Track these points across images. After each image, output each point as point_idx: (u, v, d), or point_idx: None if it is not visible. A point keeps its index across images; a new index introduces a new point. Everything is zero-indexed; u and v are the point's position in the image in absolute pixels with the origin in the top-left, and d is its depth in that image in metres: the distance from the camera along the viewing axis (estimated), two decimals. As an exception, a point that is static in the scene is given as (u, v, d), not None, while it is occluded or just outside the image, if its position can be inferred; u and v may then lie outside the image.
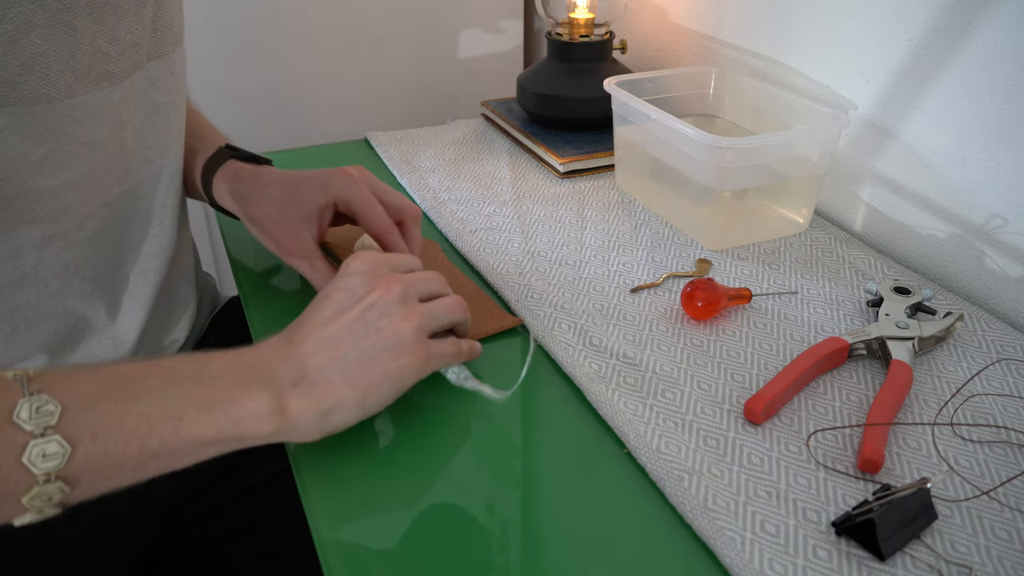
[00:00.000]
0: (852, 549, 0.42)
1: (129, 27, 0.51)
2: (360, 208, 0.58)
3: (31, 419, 0.36)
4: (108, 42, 0.49)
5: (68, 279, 0.54)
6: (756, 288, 0.66)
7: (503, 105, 1.01)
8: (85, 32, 0.47)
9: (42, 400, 0.37)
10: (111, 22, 0.49)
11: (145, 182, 0.58)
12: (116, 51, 0.50)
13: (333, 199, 0.59)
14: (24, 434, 0.36)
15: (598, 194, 0.83)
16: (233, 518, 0.68)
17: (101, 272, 0.56)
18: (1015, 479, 0.47)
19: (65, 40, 0.46)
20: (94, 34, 0.48)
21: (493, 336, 0.60)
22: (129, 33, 0.51)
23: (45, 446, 0.36)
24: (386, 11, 1.17)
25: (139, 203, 0.58)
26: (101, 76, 0.49)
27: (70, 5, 0.45)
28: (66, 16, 0.45)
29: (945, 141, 0.68)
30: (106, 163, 0.52)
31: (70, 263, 0.53)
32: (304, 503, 0.46)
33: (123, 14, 0.50)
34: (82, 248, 0.54)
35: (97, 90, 0.49)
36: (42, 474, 0.36)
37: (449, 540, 0.43)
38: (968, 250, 0.68)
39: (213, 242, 1.23)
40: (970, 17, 0.63)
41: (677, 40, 1.00)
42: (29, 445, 0.36)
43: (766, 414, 0.51)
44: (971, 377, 0.55)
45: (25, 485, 0.36)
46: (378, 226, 0.58)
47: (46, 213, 0.50)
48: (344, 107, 1.21)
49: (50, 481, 0.36)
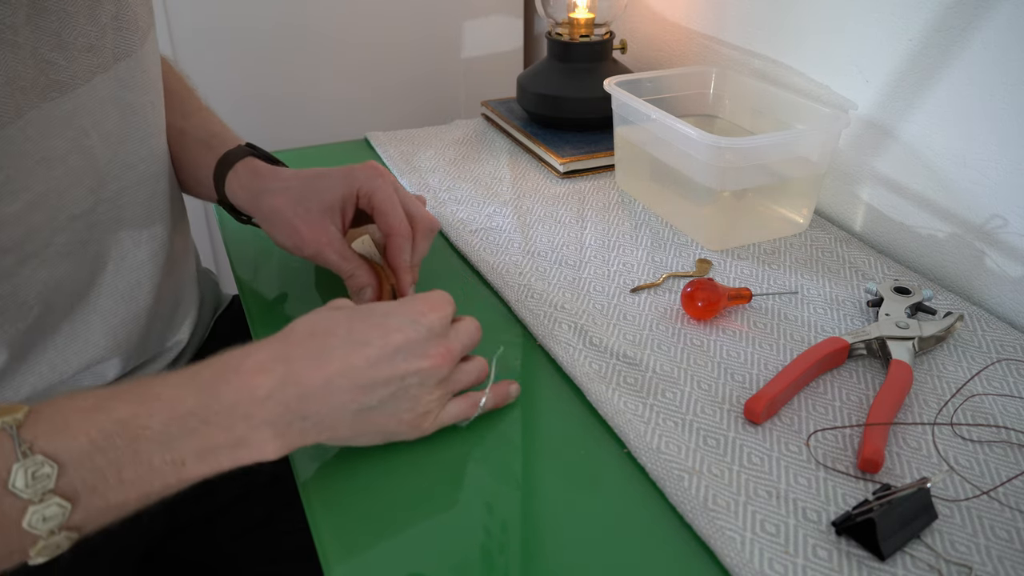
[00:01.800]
0: (852, 549, 0.42)
1: (81, 30, 0.48)
2: (381, 203, 0.57)
3: (28, 487, 0.35)
4: (52, 50, 0.46)
5: (49, 297, 0.51)
6: (756, 288, 0.66)
7: (503, 105, 1.01)
8: (25, 45, 0.44)
9: (37, 463, 0.35)
10: (55, 28, 0.46)
11: (127, 189, 0.55)
12: (64, 58, 0.47)
13: (356, 190, 0.58)
14: (22, 502, 0.35)
15: (598, 194, 0.83)
16: (234, 518, 0.68)
17: (85, 286, 0.54)
18: (1015, 479, 0.47)
19: (10, 59, 0.43)
20: (35, 44, 0.45)
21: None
22: (81, 37, 0.48)
23: (44, 511, 0.35)
24: (386, 11, 1.17)
25: (123, 211, 0.56)
26: (47, 87, 0.46)
27: (11, 23, 0.42)
28: (8, 35, 0.42)
29: (945, 141, 0.68)
30: (67, 176, 0.50)
31: (48, 281, 0.51)
32: (304, 503, 0.46)
33: (70, 18, 0.47)
34: (55, 264, 0.51)
35: (44, 102, 0.46)
36: (45, 532, 0.35)
37: (449, 539, 0.43)
38: (968, 250, 0.68)
39: (213, 242, 1.23)
40: (970, 17, 0.63)
41: (677, 40, 1.00)
42: (28, 512, 0.35)
43: (766, 414, 0.51)
44: (971, 377, 0.55)
45: (31, 541, 0.36)
46: (396, 225, 0.57)
47: (11, 240, 0.47)
48: (344, 107, 1.21)
49: (55, 534, 0.36)
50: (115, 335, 0.57)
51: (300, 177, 0.60)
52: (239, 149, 0.63)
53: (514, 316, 0.63)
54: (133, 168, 0.56)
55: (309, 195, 0.58)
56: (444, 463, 0.48)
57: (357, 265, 0.57)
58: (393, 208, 0.57)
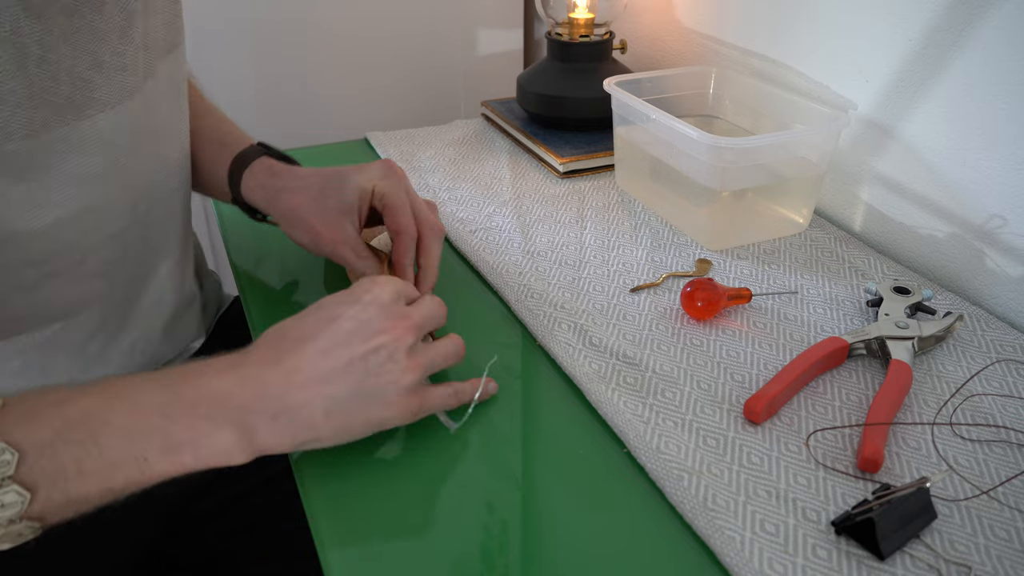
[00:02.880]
0: (852, 548, 0.42)
1: (115, 50, 0.48)
2: (393, 201, 0.58)
3: None
4: (89, 68, 0.46)
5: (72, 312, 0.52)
6: (756, 288, 0.66)
7: (503, 105, 1.01)
8: (62, 63, 0.44)
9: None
10: (91, 48, 0.46)
11: (154, 207, 0.56)
12: (101, 77, 0.47)
13: (372, 187, 0.59)
14: None
15: (598, 194, 0.83)
16: (233, 517, 0.68)
17: (112, 305, 0.55)
18: (1015, 479, 0.47)
19: (36, 74, 0.43)
20: (72, 63, 0.45)
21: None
22: (116, 56, 0.48)
23: (3, 496, 0.35)
24: (386, 11, 1.17)
25: (149, 229, 0.56)
26: (84, 104, 0.47)
27: (40, 38, 0.43)
28: (35, 49, 0.43)
29: (945, 141, 0.68)
30: (106, 194, 0.50)
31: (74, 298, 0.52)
32: (304, 503, 0.46)
33: (105, 37, 0.47)
34: (86, 282, 0.52)
35: (81, 120, 0.47)
36: (5, 520, 0.35)
37: (449, 539, 0.43)
38: (968, 250, 0.68)
39: (213, 242, 1.23)
40: (970, 17, 0.63)
41: (677, 40, 1.00)
42: None
43: (766, 414, 0.51)
44: (971, 377, 0.56)
45: None
46: (404, 224, 0.58)
47: (41, 254, 0.48)
48: (344, 107, 1.21)
49: (15, 522, 0.36)
50: (132, 352, 0.58)
51: (318, 175, 0.61)
52: (254, 148, 0.64)
53: (514, 316, 0.63)
54: (160, 186, 0.57)
55: (327, 193, 0.59)
56: (444, 463, 0.48)
57: (370, 263, 0.58)
58: (403, 208, 0.58)
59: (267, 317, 0.64)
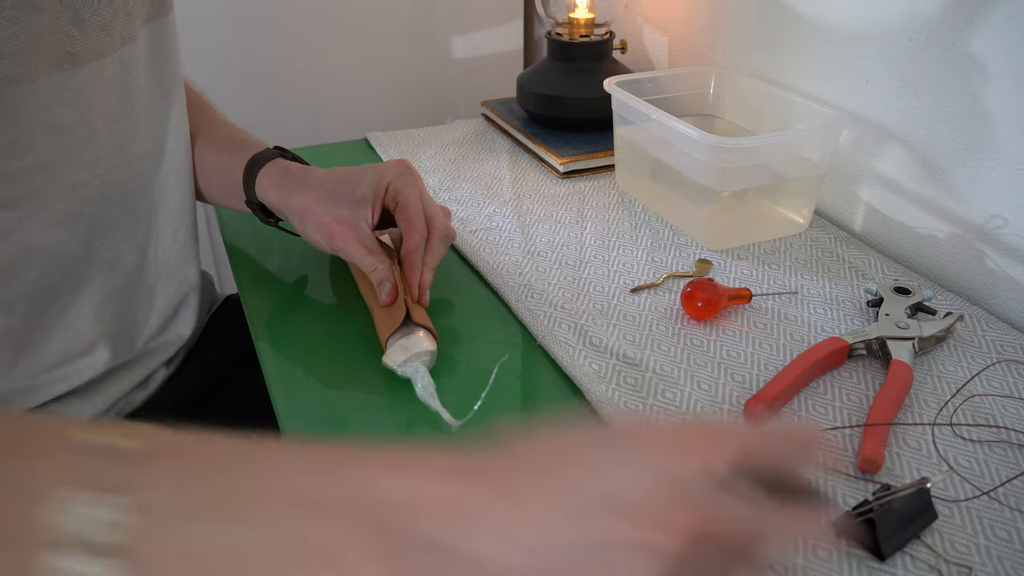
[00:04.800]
0: (852, 549, 0.42)
1: (95, 8, 0.50)
2: (405, 199, 0.59)
3: None
4: (70, 23, 0.49)
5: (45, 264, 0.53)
6: (756, 288, 0.66)
7: (503, 105, 1.01)
8: (47, 12, 0.47)
9: None
10: (74, 3, 0.49)
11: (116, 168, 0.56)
12: (80, 32, 0.49)
13: (387, 184, 0.60)
14: None
15: (598, 194, 0.83)
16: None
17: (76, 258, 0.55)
18: (1015, 479, 0.47)
19: (32, 21, 0.46)
20: (55, 14, 0.47)
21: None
22: (96, 15, 0.51)
23: None
24: (386, 11, 1.17)
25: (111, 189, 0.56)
26: (63, 58, 0.49)
27: None
28: None
29: (945, 141, 0.68)
30: (72, 146, 0.52)
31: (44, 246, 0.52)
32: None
33: None
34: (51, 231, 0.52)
35: (58, 72, 0.49)
36: None
37: (449, 540, 0.43)
38: (968, 250, 0.68)
39: (213, 242, 1.23)
40: (970, 17, 0.63)
41: (677, 40, 1.00)
42: None
43: (766, 414, 0.51)
44: (971, 377, 0.55)
45: None
46: (414, 223, 0.59)
47: (15, 196, 0.49)
48: (344, 107, 1.21)
49: None
50: (101, 318, 0.58)
51: (332, 174, 0.62)
52: (268, 151, 0.65)
53: (514, 316, 0.63)
54: (123, 148, 0.57)
55: (342, 191, 0.60)
56: (444, 463, 0.48)
57: (381, 259, 0.58)
58: (415, 207, 0.59)
59: (267, 317, 0.64)
